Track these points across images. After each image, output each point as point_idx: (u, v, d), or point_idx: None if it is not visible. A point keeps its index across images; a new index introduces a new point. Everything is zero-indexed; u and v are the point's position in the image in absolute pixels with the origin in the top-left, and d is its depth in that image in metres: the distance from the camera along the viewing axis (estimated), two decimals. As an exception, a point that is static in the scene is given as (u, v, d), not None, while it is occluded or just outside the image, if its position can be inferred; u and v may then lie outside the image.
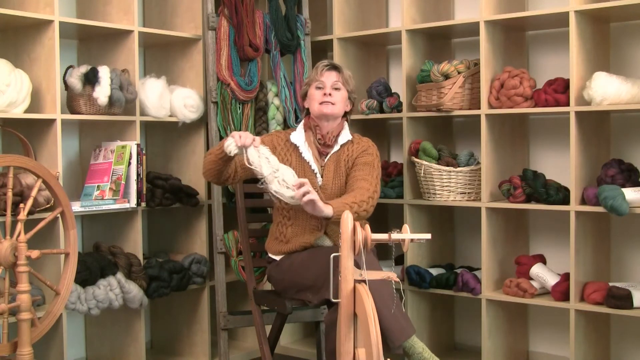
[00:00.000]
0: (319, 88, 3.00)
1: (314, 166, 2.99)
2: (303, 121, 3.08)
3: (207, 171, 2.89)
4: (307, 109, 3.07)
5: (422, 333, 3.61)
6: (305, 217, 2.92)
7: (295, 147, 3.01)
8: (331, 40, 3.80)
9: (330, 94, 2.98)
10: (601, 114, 3.31)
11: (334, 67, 3.03)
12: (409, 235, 2.29)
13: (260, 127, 3.55)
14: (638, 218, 3.33)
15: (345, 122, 3.07)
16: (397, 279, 2.24)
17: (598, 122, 3.32)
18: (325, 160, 3.01)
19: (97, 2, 3.51)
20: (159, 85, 3.50)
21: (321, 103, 2.97)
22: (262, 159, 2.69)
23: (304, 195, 2.62)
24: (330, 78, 3.01)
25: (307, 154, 3.00)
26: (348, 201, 2.75)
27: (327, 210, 2.67)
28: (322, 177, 2.98)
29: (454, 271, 3.57)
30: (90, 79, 3.19)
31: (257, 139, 2.71)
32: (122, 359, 3.48)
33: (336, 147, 3.01)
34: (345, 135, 3.04)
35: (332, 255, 2.34)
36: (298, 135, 3.04)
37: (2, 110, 2.95)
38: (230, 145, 2.69)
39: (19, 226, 2.63)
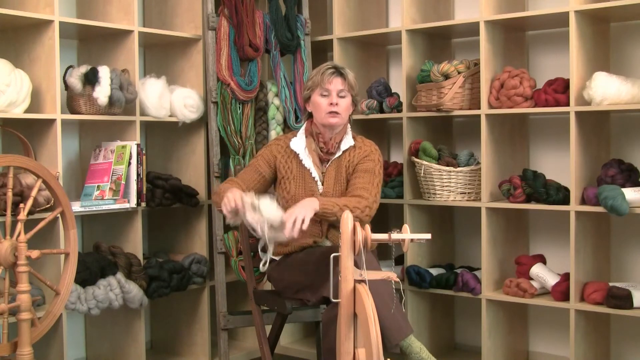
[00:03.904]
0: (324, 96, 2.92)
1: (315, 174, 2.95)
2: (305, 126, 3.04)
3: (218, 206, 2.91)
4: (309, 113, 3.02)
5: (422, 333, 3.61)
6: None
7: (296, 155, 2.97)
8: (331, 40, 3.80)
9: (336, 104, 2.90)
10: (601, 114, 3.31)
11: (340, 73, 2.94)
12: (409, 235, 2.29)
13: (260, 127, 3.56)
14: (638, 218, 3.33)
15: (348, 126, 3.02)
16: (397, 279, 2.24)
17: (598, 122, 3.32)
18: (327, 166, 2.97)
19: (97, 2, 3.51)
20: (159, 85, 3.50)
21: (328, 113, 2.90)
22: (252, 216, 2.66)
23: (297, 225, 2.63)
24: (336, 85, 2.92)
25: (308, 161, 2.96)
26: (340, 204, 2.75)
27: (314, 204, 2.70)
28: (322, 184, 2.94)
29: (454, 271, 3.57)
30: (90, 79, 3.19)
31: (239, 199, 2.67)
32: (122, 359, 3.48)
33: (338, 153, 2.97)
34: (348, 140, 2.98)
35: (332, 255, 2.34)
36: (299, 142, 2.99)
37: (2, 110, 2.95)
38: (228, 218, 2.74)
39: (19, 226, 2.63)
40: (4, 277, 2.66)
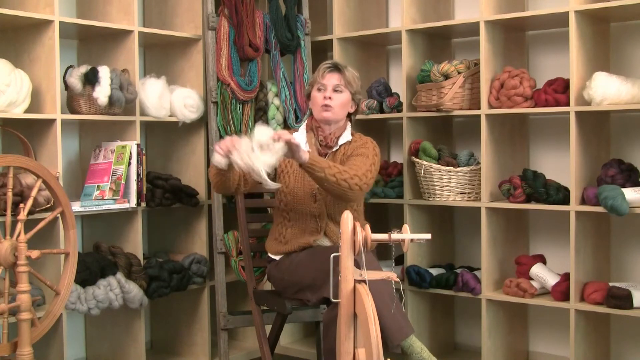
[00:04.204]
0: (320, 90, 2.96)
1: None
2: (306, 122, 3.06)
3: (215, 185, 2.83)
4: (311, 109, 3.04)
5: (422, 333, 3.60)
6: (305, 219, 2.92)
7: None
8: (331, 40, 3.80)
9: (330, 97, 2.92)
10: (601, 114, 3.31)
11: (337, 68, 2.96)
12: (409, 235, 2.28)
13: (260, 127, 3.55)
14: (638, 218, 3.33)
15: (348, 124, 3.03)
16: (397, 279, 2.24)
17: (598, 122, 3.32)
18: None
19: (97, 2, 3.51)
20: (159, 85, 3.50)
21: (321, 106, 2.94)
22: (245, 157, 2.51)
23: (284, 139, 2.56)
24: (331, 80, 2.95)
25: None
26: (330, 164, 2.71)
27: (305, 155, 2.64)
28: None
29: (454, 271, 3.57)
30: (90, 79, 3.19)
31: (236, 138, 2.58)
32: (122, 359, 3.48)
33: (335, 148, 2.99)
34: (346, 136, 3.00)
35: (332, 255, 2.34)
36: (299, 137, 3.00)
37: (2, 110, 2.95)
38: (216, 159, 2.58)
39: (19, 226, 2.63)
40: (4, 277, 2.66)
